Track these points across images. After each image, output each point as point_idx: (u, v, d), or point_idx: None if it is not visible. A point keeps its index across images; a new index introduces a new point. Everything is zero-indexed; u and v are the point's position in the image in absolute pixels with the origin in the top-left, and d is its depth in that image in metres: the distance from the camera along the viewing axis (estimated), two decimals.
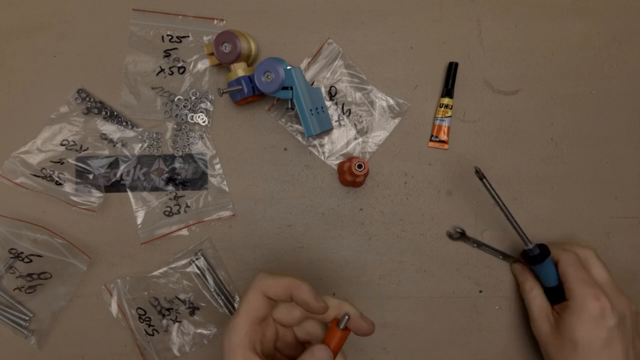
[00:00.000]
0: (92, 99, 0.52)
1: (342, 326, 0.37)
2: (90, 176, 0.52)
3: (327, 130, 0.52)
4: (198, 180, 0.53)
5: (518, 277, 0.52)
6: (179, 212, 0.53)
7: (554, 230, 0.54)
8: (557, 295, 0.47)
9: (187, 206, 0.53)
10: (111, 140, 0.53)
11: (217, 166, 0.53)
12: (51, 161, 0.52)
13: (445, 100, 0.53)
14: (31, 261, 0.51)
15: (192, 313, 0.53)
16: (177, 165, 0.53)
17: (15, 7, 0.53)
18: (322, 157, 0.54)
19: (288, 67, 0.47)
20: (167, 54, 0.53)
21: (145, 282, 0.52)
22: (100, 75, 0.53)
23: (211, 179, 0.53)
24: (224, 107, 0.53)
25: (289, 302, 0.38)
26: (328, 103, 0.53)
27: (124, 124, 0.52)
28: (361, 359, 0.54)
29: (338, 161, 0.53)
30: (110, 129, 0.53)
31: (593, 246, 0.49)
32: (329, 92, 0.53)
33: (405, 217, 0.54)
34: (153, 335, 0.52)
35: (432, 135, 0.54)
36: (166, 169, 0.53)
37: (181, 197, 0.53)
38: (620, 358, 0.42)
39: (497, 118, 0.54)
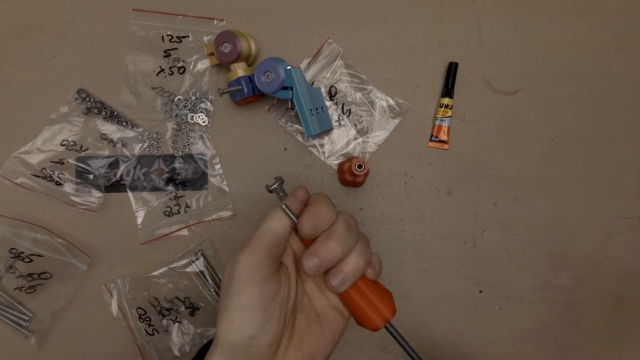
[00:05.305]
0: (92, 99, 0.52)
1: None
2: (90, 176, 0.52)
3: (327, 130, 0.52)
4: (198, 180, 0.53)
5: None
6: (179, 212, 0.53)
7: (554, 230, 0.54)
8: None
9: (187, 206, 0.53)
10: (111, 140, 0.53)
11: (217, 166, 0.53)
12: (51, 161, 0.52)
13: (445, 100, 0.53)
14: (31, 261, 0.51)
15: (192, 313, 0.53)
16: (177, 165, 0.53)
17: (15, 7, 0.53)
18: (322, 157, 0.53)
19: (288, 67, 0.47)
20: (167, 54, 0.53)
21: (145, 282, 0.52)
22: (100, 75, 0.53)
23: (211, 179, 0.53)
24: (224, 107, 0.53)
25: None
26: (328, 103, 0.53)
27: (124, 124, 0.52)
28: (361, 358, 0.54)
29: (338, 161, 0.53)
30: (110, 129, 0.53)
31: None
32: (329, 92, 0.53)
33: (405, 217, 0.54)
34: (153, 335, 0.53)
35: (432, 135, 0.54)
36: (166, 169, 0.53)
37: (181, 197, 0.53)
38: None
39: (497, 118, 0.54)
